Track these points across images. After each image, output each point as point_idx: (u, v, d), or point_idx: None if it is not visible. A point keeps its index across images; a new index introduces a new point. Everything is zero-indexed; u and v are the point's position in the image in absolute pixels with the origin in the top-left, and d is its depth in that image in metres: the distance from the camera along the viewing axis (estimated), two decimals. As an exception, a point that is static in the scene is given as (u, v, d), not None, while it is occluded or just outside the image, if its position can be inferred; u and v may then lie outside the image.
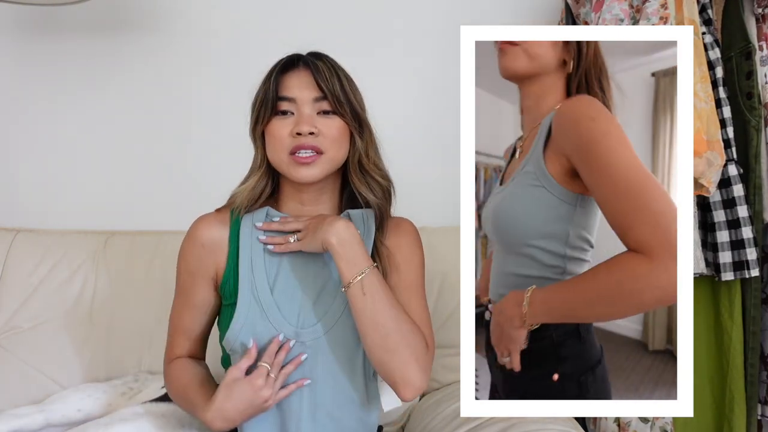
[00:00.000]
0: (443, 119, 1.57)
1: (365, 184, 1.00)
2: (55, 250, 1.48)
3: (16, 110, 1.69)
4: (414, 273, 1.02)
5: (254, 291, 0.94)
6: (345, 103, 0.95)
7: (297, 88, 0.96)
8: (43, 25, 1.69)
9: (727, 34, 1.37)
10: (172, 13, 1.71)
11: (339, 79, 0.96)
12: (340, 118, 0.96)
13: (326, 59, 0.98)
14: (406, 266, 1.01)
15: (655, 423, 1.35)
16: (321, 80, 0.94)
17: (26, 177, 1.69)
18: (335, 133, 0.95)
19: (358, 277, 0.88)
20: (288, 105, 0.95)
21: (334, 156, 0.96)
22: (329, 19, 1.72)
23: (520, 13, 1.75)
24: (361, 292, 0.88)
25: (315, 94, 0.95)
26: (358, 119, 0.98)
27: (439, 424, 1.23)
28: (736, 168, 1.30)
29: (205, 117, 1.70)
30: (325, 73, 0.95)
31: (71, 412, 1.23)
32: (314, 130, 0.93)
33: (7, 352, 1.40)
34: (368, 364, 0.95)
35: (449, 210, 1.22)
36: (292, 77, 0.97)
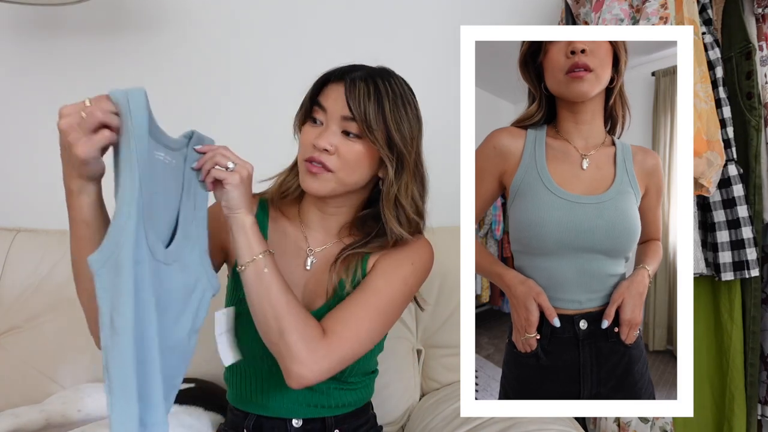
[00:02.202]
0: (443, 119, 1.57)
1: (395, 217, 0.96)
2: (55, 250, 1.48)
3: (16, 110, 1.69)
4: (380, 280, 0.95)
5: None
6: (378, 130, 0.91)
7: (332, 99, 0.93)
8: (43, 25, 1.69)
9: (727, 34, 1.37)
10: (172, 13, 1.71)
11: (378, 103, 0.91)
12: (369, 143, 0.92)
13: (374, 81, 0.92)
14: (377, 271, 0.96)
15: (655, 423, 1.35)
16: (351, 100, 0.91)
17: (26, 177, 1.69)
18: (352, 157, 0.93)
19: (255, 258, 0.86)
20: (320, 113, 0.94)
21: (343, 178, 0.93)
22: (329, 19, 1.73)
23: (520, 13, 1.75)
24: (255, 273, 0.86)
25: (344, 112, 0.92)
26: (394, 150, 0.93)
27: (439, 424, 1.24)
28: (736, 168, 1.31)
29: (205, 117, 1.70)
30: (360, 93, 0.91)
31: (71, 412, 1.23)
32: (330, 148, 0.92)
33: (7, 352, 1.40)
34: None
35: (449, 210, 1.22)
36: (332, 89, 0.94)
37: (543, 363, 0.77)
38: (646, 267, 0.79)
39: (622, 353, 0.77)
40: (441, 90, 1.61)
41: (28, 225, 1.56)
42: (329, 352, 0.87)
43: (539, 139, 0.75)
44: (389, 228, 0.96)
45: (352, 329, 0.90)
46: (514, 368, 0.82)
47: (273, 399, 1.01)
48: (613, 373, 0.76)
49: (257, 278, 0.86)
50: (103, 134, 0.69)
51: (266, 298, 0.86)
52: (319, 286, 1.00)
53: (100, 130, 0.69)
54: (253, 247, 0.87)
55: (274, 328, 0.86)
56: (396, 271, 0.97)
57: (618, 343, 0.76)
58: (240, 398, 1.04)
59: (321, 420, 1.02)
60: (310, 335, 0.86)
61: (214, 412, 1.19)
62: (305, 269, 1.01)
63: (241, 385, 1.03)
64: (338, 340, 0.88)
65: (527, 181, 0.74)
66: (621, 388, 0.76)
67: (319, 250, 1.02)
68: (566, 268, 0.76)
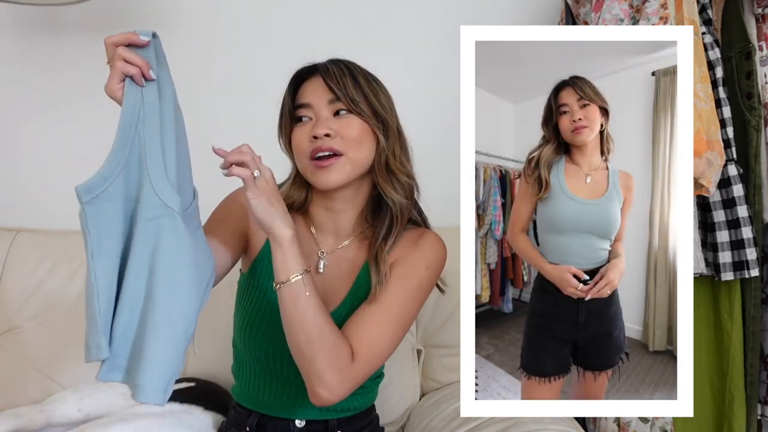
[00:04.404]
0: (443, 119, 1.57)
1: (390, 183, 0.97)
2: (55, 250, 1.48)
3: (16, 110, 1.69)
4: (400, 290, 0.94)
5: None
6: (361, 101, 0.94)
7: (312, 93, 0.96)
8: (43, 25, 1.69)
9: (727, 34, 1.37)
10: (172, 13, 1.71)
11: (353, 78, 0.94)
12: (358, 117, 0.94)
13: (341, 62, 0.97)
14: (396, 280, 0.94)
15: (655, 423, 1.35)
16: (331, 81, 0.94)
17: (26, 177, 1.69)
18: (354, 132, 0.93)
19: (291, 279, 0.83)
20: (305, 111, 0.95)
21: (354, 157, 0.93)
22: (329, 19, 1.73)
23: (520, 13, 1.75)
24: (291, 294, 0.84)
25: (328, 96, 0.94)
26: (379, 118, 0.96)
27: (439, 424, 1.24)
28: (736, 168, 1.31)
29: (205, 117, 1.70)
30: (335, 74, 0.94)
31: (71, 412, 1.23)
32: (330, 132, 0.92)
33: (7, 352, 1.40)
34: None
35: (449, 210, 1.22)
36: (308, 85, 0.97)
37: (558, 298, 1.14)
38: (621, 256, 1.17)
39: (604, 300, 1.15)
40: (441, 90, 1.61)
41: (28, 225, 1.56)
42: (355, 376, 0.88)
43: (560, 165, 1.16)
44: (389, 198, 0.96)
45: (375, 349, 0.90)
46: (535, 302, 1.20)
47: (280, 400, 1.01)
48: (597, 306, 1.15)
49: (292, 302, 0.84)
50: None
51: (300, 323, 0.84)
52: (333, 290, 0.99)
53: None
54: (290, 266, 0.83)
55: (305, 352, 0.84)
56: (412, 278, 0.96)
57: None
58: (246, 395, 1.04)
59: (324, 422, 1.02)
60: (340, 364, 0.85)
61: (214, 412, 1.19)
62: (317, 272, 1.00)
63: (250, 383, 1.03)
64: (364, 363, 0.89)
65: (554, 190, 1.14)
66: (603, 320, 1.16)
67: (330, 252, 1.02)
68: (574, 242, 1.14)
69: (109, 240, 0.74)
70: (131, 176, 0.75)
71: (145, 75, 0.75)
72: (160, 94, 0.77)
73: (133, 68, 0.74)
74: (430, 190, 1.05)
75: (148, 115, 0.75)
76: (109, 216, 0.74)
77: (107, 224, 0.74)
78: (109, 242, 0.74)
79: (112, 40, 0.76)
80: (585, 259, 1.14)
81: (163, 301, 0.73)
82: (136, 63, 0.74)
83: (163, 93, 0.77)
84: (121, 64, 0.74)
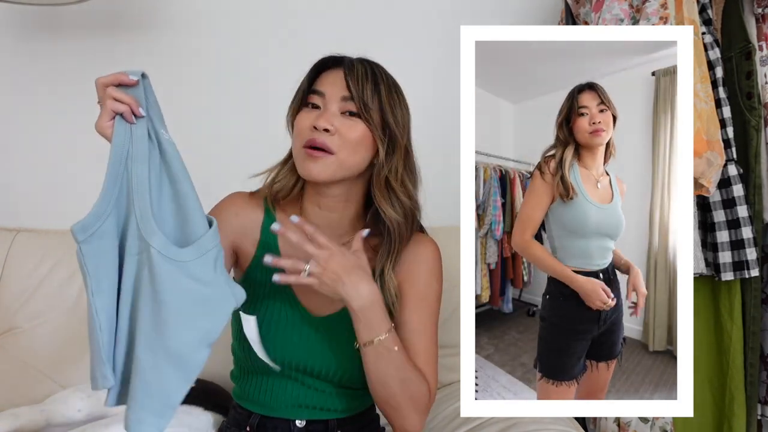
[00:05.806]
0: (443, 119, 1.57)
1: (388, 199, 0.96)
2: (55, 250, 1.48)
3: (16, 110, 1.69)
4: (427, 310, 0.99)
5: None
6: (374, 109, 0.93)
7: (329, 84, 0.94)
8: (43, 25, 1.69)
9: (727, 34, 1.37)
10: (172, 13, 1.71)
11: (375, 84, 0.93)
12: (365, 123, 0.93)
13: (370, 65, 0.96)
14: (419, 303, 0.98)
15: (655, 423, 1.35)
16: (351, 80, 0.92)
17: (26, 177, 1.69)
18: (354, 136, 0.92)
19: (374, 341, 0.88)
20: (317, 99, 0.95)
21: (344, 159, 0.92)
22: (329, 19, 1.73)
23: (520, 13, 1.75)
24: (374, 354, 0.89)
25: (343, 93, 0.93)
26: (387, 132, 0.94)
27: (440, 424, 1.24)
28: (736, 168, 1.31)
29: (205, 117, 1.70)
30: (358, 74, 0.93)
31: (71, 412, 1.23)
32: (330, 128, 0.91)
33: (7, 352, 1.40)
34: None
35: (449, 210, 1.22)
36: (329, 74, 0.96)
37: (580, 301, 1.16)
38: (633, 266, 1.25)
39: (615, 292, 1.21)
40: (441, 90, 1.61)
41: (28, 225, 1.56)
42: (431, 403, 0.96)
43: (576, 169, 1.17)
44: (383, 211, 0.96)
45: (436, 374, 0.98)
46: (558, 310, 1.22)
47: (280, 400, 1.00)
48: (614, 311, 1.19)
49: (375, 360, 0.89)
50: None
51: (383, 379, 0.90)
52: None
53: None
54: (373, 327, 0.89)
55: (390, 404, 0.92)
56: (431, 297, 1.01)
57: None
58: (246, 396, 1.03)
59: (324, 422, 1.02)
60: (423, 404, 0.93)
61: (214, 412, 1.19)
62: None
63: (250, 386, 1.02)
64: (434, 391, 0.97)
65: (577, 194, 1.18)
66: (616, 309, 1.20)
67: None
68: (594, 246, 1.19)
69: (107, 277, 0.77)
70: (122, 212, 0.78)
71: (134, 112, 0.77)
72: (149, 131, 0.79)
73: (122, 106, 0.77)
74: (430, 190, 1.04)
75: (137, 152, 0.78)
76: (105, 253, 0.77)
77: (104, 261, 0.77)
78: (107, 279, 0.77)
79: (102, 81, 0.78)
80: (602, 260, 1.19)
81: (145, 334, 0.76)
82: (125, 101, 0.77)
83: (152, 130, 0.79)
84: (110, 103, 0.77)
